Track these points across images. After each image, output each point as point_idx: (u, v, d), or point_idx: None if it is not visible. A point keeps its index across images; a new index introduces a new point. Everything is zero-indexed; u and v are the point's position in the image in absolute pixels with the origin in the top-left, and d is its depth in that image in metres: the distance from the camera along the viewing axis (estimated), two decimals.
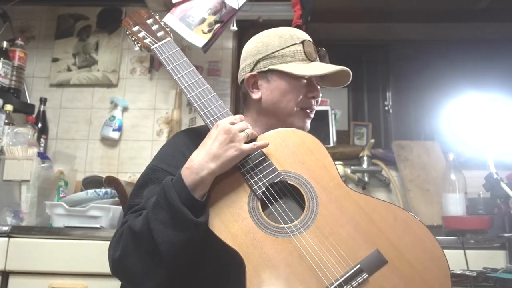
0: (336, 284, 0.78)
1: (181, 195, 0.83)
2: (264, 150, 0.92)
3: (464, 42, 2.96)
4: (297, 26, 1.99)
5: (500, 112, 1.60)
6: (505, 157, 1.71)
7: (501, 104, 1.61)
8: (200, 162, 0.86)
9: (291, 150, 0.93)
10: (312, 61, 1.03)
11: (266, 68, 1.03)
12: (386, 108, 2.90)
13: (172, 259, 0.82)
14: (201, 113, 0.96)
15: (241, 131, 0.90)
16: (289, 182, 0.89)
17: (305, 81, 1.04)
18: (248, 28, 2.40)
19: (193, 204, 0.83)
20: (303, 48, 1.03)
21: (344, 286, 0.77)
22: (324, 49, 1.08)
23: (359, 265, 0.79)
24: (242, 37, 2.34)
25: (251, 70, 1.05)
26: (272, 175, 0.89)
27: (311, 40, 1.07)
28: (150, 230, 0.82)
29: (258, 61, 1.04)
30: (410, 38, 2.97)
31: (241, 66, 1.10)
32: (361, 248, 0.81)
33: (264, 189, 0.88)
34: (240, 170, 0.90)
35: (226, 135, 0.87)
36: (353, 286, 0.77)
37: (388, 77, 2.98)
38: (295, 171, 0.90)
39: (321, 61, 1.07)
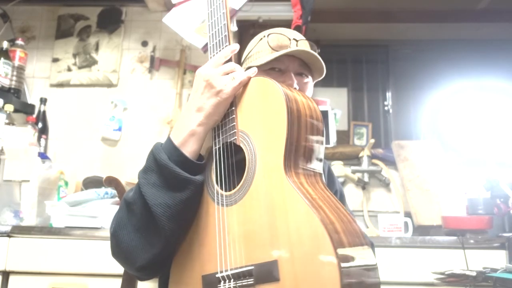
0: (224, 274, 0.75)
1: (171, 155, 0.80)
2: (240, 98, 0.83)
3: (464, 42, 2.97)
4: (297, 26, 1.99)
5: (500, 112, 1.60)
6: (505, 157, 1.71)
7: (502, 104, 1.61)
8: (186, 118, 0.82)
9: (261, 107, 0.80)
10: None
11: (245, 69, 1.02)
12: (386, 108, 2.90)
13: (168, 222, 0.78)
14: (210, 45, 0.90)
15: (226, 74, 0.82)
16: (240, 144, 0.81)
17: (278, 71, 0.98)
18: (248, 28, 2.40)
19: (187, 164, 0.80)
20: (268, 41, 0.98)
21: (232, 279, 0.74)
22: (310, 41, 1.02)
23: (252, 267, 0.72)
24: (242, 37, 2.34)
25: None
26: (229, 133, 0.82)
27: (284, 34, 1.00)
28: (143, 196, 0.79)
29: (242, 63, 1.07)
30: (410, 38, 2.97)
31: None
32: (264, 250, 0.72)
33: (219, 146, 0.83)
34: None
35: (205, 82, 0.81)
36: (238, 284, 0.73)
37: (388, 77, 2.99)
38: (251, 134, 0.80)
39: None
